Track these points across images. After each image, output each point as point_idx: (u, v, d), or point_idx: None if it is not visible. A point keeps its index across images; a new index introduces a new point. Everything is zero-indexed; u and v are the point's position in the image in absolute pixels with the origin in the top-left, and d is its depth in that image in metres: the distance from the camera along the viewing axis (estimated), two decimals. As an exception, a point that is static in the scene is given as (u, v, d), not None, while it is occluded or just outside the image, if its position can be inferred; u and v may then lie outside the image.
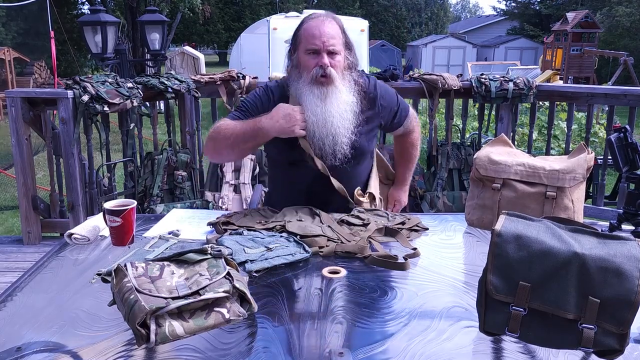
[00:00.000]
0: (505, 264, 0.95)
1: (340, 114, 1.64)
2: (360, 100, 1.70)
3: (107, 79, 3.17)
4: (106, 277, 1.16)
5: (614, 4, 19.15)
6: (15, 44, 13.91)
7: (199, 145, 3.79)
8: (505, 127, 3.75)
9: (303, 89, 1.65)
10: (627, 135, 1.89)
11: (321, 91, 1.63)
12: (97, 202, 3.21)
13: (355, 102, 1.68)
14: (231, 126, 1.66)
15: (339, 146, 1.65)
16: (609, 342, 0.90)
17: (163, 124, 3.99)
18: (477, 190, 1.61)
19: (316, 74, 1.63)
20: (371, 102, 1.75)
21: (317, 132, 1.63)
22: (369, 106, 1.74)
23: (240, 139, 1.63)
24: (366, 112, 1.72)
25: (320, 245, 1.42)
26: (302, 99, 1.65)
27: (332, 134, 1.64)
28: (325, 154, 1.66)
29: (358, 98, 1.69)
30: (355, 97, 1.68)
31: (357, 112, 1.68)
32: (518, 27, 30.38)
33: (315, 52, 1.63)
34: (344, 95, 1.66)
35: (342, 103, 1.65)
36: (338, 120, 1.64)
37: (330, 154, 1.66)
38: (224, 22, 29.12)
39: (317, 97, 1.63)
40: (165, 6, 15.35)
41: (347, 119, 1.66)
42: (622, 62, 11.09)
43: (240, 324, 1.04)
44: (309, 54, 1.64)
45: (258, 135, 1.62)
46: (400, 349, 0.97)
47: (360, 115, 1.69)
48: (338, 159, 1.67)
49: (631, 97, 3.45)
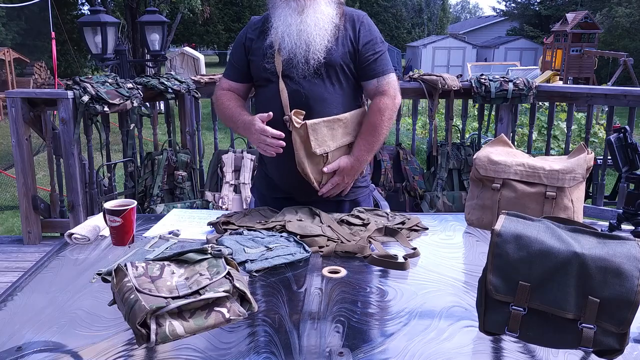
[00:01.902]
0: (505, 264, 0.95)
1: (317, 23, 1.62)
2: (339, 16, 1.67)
3: (107, 80, 3.17)
4: (106, 276, 1.16)
5: (614, 5, 19.17)
6: (16, 45, 13.92)
7: (199, 145, 3.80)
8: (505, 127, 3.75)
9: (279, 2, 1.64)
10: (626, 135, 1.89)
11: (298, 4, 1.62)
12: (97, 202, 3.21)
13: (334, 15, 1.65)
14: (224, 106, 1.78)
15: (311, 54, 1.62)
16: (608, 341, 0.90)
17: (163, 124, 4.00)
18: (477, 190, 1.61)
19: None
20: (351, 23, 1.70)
21: (290, 43, 1.62)
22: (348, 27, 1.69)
23: (228, 123, 1.81)
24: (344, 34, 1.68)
25: (320, 245, 1.42)
26: (276, 12, 1.64)
27: (306, 43, 1.61)
28: (297, 63, 1.63)
29: (337, 12, 1.66)
30: (334, 10, 1.66)
31: (337, 26, 1.65)
32: (518, 28, 30.42)
33: None
34: (322, 6, 1.64)
35: (319, 13, 1.63)
36: (313, 29, 1.61)
37: (303, 62, 1.63)
38: (224, 22, 29.14)
39: (293, 10, 1.62)
40: (165, 7, 15.36)
41: (324, 29, 1.63)
42: (622, 62, 11.11)
43: (240, 324, 1.04)
44: None
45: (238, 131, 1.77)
46: (400, 348, 0.97)
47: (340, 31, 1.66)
48: (311, 66, 1.63)
49: (631, 97, 3.45)
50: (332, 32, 1.64)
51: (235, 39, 1.82)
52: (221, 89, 1.83)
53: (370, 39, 1.71)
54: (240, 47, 1.77)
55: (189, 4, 15.37)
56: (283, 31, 1.63)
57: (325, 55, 1.63)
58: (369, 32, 1.71)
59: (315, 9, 1.63)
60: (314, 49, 1.62)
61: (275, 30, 1.65)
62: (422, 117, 8.04)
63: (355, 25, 1.70)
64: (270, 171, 1.81)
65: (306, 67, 1.63)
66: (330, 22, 1.65)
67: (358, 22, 1.71)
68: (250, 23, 1.79)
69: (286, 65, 1.64)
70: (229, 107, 1.77)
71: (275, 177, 1.79)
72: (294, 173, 1.68)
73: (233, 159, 3.67)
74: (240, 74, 1.79)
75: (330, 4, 1.66)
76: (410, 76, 3.82)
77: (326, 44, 1.63)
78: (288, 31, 1.62)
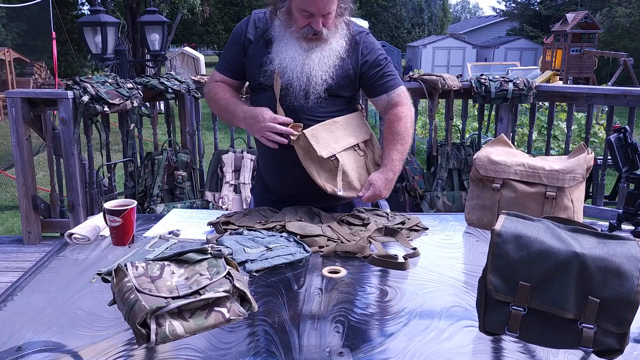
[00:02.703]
0: (505, 264, 0.95)
1: (321, 60, 1.60)
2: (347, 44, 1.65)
3: (107, 80, 3.17)
4: (106, 276, 1.16)
5: (614, 5, 19.18)
6: (16, 45, 13.92)
7: (199, 145, 3.80)
8: (505, 127, 3.75)
9: (289, 38, 1.61)
10: (626, 135, 1.89)
11: (309, 45, 1.60)
12: (97, 202, 3.21)
13: (344, 47, 1.63)
14: (219, 97, 1.73)
15: (311, 88, 1.60)
16: (608, 341, 0.90)
17: (163, 124, 4.00)
18: (477, 190, 1.61)
19: (307, 32, 1.58)
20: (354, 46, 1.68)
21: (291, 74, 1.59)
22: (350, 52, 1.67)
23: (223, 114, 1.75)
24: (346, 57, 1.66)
25: (320, 245, 1.42)
26: (282, 44, 1.61)
27: (307, 77, 1.59)
28: (294, 91, 1.61)
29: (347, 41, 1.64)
30: (345, 42, 1.64)
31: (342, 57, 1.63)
32: (518, 28, 30.41)
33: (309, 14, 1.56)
34: (333, 44, 1.62)
35: (327, 51, 1.61)
36: (316, 65, 1.59)
37: (301, 93, 1.61)
38: (224, 22, 29.11)
39: (303, 50, 1.60)
40: (165, 7, 15.35)
41: (327, 65, 1.61)
42: (622, 62, 11.11)
43: (240, 324, 1.04)
44: (303, 13, 1.56)
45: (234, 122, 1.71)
46: (400, 348, 0.97)
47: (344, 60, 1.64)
48: (311, 100, 1.61)
49: (631, 97, 3.45)
50: (335, 65, 1.62)
51: (233, 33, 1.74)
52: (214, 81, 1.78)
53: (373, 59, 1.69)
54: (238, 44, 1.71)
55: (187, 3, 15.36)
56: (286, 65, 1.60)
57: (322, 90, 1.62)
58: (371, 52, 1.69)
59: (324, 48, 1.61)
60: (314, 83, 1.60)
61: (277, 56, 1.61)
62: (422, 117, 8.04)
63: (357, 48, 1.68)
64: (266, 177, 1.80)
65: (303, 98, 1.61)
66: (337, 57, 1.62)
67: (360, 42, 1.69)
68: (251, 20, 1.71)
69: (284, 91, 1.62)
70: (224, 98, 1.72)
71: (270, 183, 1.79)
72: (288, 182, 1.70)
73: (233, 159, 3.67)
74: (235, 71, 1.75)
75: (343, 37, 1.63)
76: (410, 76, 3.82)
77: (327, 78, 1.61)
78: (292, 66, 1.60)
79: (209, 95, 1.77)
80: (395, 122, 1.70)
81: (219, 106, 1.74)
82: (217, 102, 1.74)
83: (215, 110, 1.78)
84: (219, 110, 1.76)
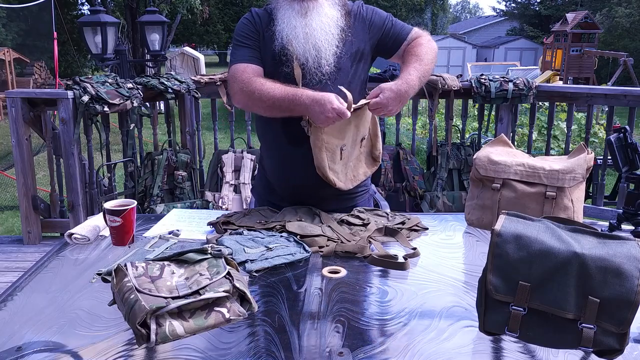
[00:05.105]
0: (505, 264, 0.95)
1: (322, 27, 1.57)
2: (345, 17, 1.62)
3: (107, 80, 3.17)
4: (106, 276, 1.16)
5: (614, 5, 19.18)
6: (16, 45, 13.93)
7: (199, 145, 3.80)
8: (505, 127, 3.75)
9: (282, 3, 1.60)
10: (626, 135, 1.89)
11: (302, 6, 1.58)
12: (97, 202, 3.21)
13: (339, 18, 1.61)
14: (267, 87, 1.53)
15: (324, 60, 1.57)
16: (608, 341, 0.90)
17: (163, 124, 4.00)
18: (477, 190, 1.61)
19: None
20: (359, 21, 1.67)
21: (298, 48, 1.57)
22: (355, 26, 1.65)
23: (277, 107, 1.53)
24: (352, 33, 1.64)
25: (320, 245, 1.42)
26: (279, 13, 1.59)
27: (315, 48, 1.56)
28: (309, 70, 1.57)
29: (342, 14, 1.62)
30: (339, 12, 1.62)
31: (343, 29, 1.61)
32: (518, 28, 30.42)
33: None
34: (326, 9, 1.59)
35: (324, 17, 1.58)
36: (319, 34, 1.56)
37: (316, 68, 1.57)
38: (224, 22, 29.11)
39: (296, 12, 1.57)
40: (165, 7, 15.35)
41: (331, 33, 1.58)
42: (622, 62, 11.11)
43: (240, 324, 1.04)
44: None
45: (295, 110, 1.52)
46: (400, 349, 0.97)
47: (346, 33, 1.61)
48: (325, 73, 1.58)
49: (631, 97, 3.45)
50: (339, 37, 1.59)
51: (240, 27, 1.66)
52: (248, 73, 1.58)
53: (380, 18, 1.70)
54: (256, 34, 1.63)
55: (187, 3, 15.35)
56: (289, 34, 1.57)
57: (335, 62, 1.59)
58: (374, 13, 1.70)
59: (319, 12, 1.58)
60: (325, 55, 1.57)
61: (280, 34, 1.59)
62: (422, 117, 8.04)
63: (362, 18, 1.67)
64: (271, 178, 1.78)
65: (319, 73, 1.58)
66: (336, 25, 1.59)
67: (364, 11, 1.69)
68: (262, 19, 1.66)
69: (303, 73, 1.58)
70: (278, 87, 1.52)
71: (274, 182, 1.78)
72: (293, 181, 1.69)
73: (233, 159, 3.67)
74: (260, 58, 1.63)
75: (334, 5, 1.62)
76: (410, 76, 3.81)
77: (335, 50, 1.58)
78: (294, 34, 1.57)
79: (252, 90, 1.55)
80: (415, 47, 1.67)
81: (271, 97, 1.52)
82: (268, 93, 1.52)
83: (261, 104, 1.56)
84: (271, 102, 1.53)
